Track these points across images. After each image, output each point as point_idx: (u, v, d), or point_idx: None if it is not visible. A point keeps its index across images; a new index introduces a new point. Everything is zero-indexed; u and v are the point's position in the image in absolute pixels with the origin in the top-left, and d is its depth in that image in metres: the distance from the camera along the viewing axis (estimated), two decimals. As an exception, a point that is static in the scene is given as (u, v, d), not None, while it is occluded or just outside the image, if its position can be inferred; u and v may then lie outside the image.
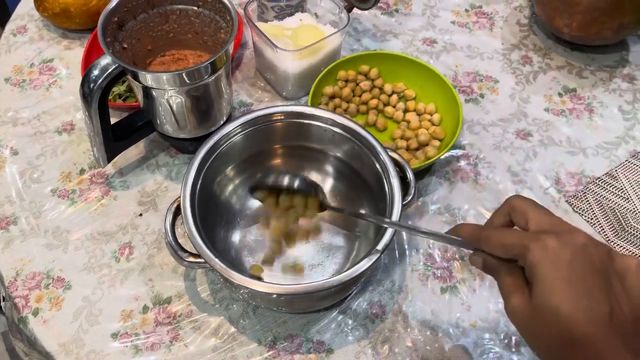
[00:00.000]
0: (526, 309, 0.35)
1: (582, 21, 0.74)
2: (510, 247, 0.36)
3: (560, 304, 0.33)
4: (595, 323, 0.32)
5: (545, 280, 0.34)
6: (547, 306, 0.34)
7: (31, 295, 0.58)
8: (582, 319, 0.33)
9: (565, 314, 0.33)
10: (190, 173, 0.53)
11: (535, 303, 0.34)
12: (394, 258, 0.61)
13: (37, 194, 0.65)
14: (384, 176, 0.54)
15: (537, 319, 0.34)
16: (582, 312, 0.33)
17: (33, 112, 0.72)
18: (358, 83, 0.72)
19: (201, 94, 0.59)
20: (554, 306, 0.33)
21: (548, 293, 0.34)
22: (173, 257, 0.51)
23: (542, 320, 0.34)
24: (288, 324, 0.56)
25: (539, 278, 0.34)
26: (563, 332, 0.33)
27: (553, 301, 0.33)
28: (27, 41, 0.80)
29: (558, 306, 0.33)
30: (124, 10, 0.58)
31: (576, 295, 0.33)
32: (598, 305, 0.33)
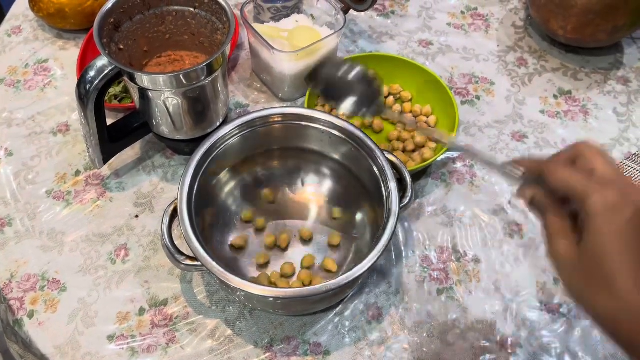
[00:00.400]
0: (571, 255, 0.35)
1: (577, 24, 0.74)
2: (572, 187, 0.35)
3: (606, 255, 0.33)
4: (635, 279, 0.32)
5: (601, 233, 0.33)
6: (596, 258, 0.33)
7: (26, 298, 0.57)
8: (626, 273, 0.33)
9: (611, 267, 0.33)
10: (187, 175, 0.53)
11: (583, 252, 0.34)
12: (391, 260, 0.61)
13: (32, 195, 0.64)
14: (381, 179, 0.54)
15: (582, 267, 0.34)
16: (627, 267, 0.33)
17: (28, 113, 0.71)
18: None
19: (198, 95, 0.58)
20: (602, 260, 0.33)
21: (600, 246, 0.33)
22: (170, 260, 0.51)
23: (587, 271, 0.34)
24: (285, 326, 0.56)
25: (594, 229, 0.34)
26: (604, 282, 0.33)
27: (603, 256, 0.33)
28: (21, 42, 0.79)
29: (605, 256, 0.33)
30: (120, 12, 0.58)
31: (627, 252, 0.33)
32: None
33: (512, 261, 0.61)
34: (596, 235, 0.33)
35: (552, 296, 0.59)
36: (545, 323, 0.57)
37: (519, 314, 0.58)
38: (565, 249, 0.35)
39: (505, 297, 0.59)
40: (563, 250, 0.35)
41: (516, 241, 0.63)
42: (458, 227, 0.64)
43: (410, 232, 0.63)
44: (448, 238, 0.63)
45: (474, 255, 0.62)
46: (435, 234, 0.63)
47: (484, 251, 0.62)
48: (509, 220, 0.65)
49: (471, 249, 0.62)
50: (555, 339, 0.56)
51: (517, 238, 0.63)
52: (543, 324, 0.57)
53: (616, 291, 0.33)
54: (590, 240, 0.34)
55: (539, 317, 0.58)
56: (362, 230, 0.60)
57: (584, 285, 0.34)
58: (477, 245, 0.62)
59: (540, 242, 0.63)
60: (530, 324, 0.57)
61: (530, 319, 0.58)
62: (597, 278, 0.33)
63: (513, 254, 0.62)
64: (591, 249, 0.34)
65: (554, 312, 0.58)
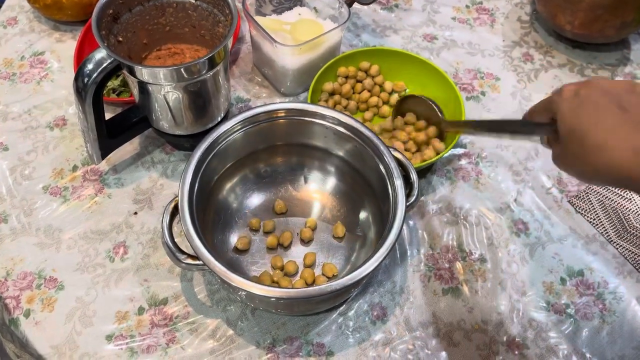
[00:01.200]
0: (559, 147, 0.41)
1: (585, 19, 0.73)
2: (543, 108, 0.43)
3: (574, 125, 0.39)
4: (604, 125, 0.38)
5: (562, 113, 0.40)
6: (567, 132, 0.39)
7: (22, 296, 0.56)
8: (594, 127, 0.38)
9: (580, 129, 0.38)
10: (188, 172, 0.51)
11: (561, 137, 0.40)
12: (395, 259, 0.60)
13: (28, 191, 0.63)
14: (387, 176, 0.53)
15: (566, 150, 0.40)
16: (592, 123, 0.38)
17: (24, 106, 0.70)
18: (359, 80, 0.71)
19: (199, 89, 0.57)
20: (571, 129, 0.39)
21: (566, 122, 0.39)
22: (170, 259, 0.49)
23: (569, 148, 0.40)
24: (287, 326, 0.55)
25: (557, 114, 0.41)
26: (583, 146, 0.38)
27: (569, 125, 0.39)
28: (17, 33, 0.78)
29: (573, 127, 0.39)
30: (119, 3, 0.56)
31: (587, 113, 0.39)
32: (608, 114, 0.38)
33: (518, 260, 0.60)
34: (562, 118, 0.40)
35: (559, 296, 0.58)
36: (552, 324, 0.56)
37: (525, 315, 0.57)
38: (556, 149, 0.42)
39: (511, 297, 0.58)
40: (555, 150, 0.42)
41: (522, 240, 0.62)
42: (463, 226, 0.63)
43: (415, 230, 0.62)
44: (453, 237, 0.62)
45: (480, 254, 0.61)
46: (441, 233, 0.62)
47: (489, 250, 0.61)
48: (514, 218, 0.63)
49: (477, 248, 0.61)
50: (562, 340, 0.55)
51: (524, 237, 0.62)
52: (550, 325, 0.56)
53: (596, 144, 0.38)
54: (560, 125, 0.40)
55: (545, 318, 0.57)
56: (367, 229, 0.58)
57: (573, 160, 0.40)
58: (482, 244, 0.61)
59: (546, 242, 0.62)
60: (537, 325, 0.56)
61: (537, 319, 0.57)
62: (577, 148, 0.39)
63: (519, 253, 0.61)
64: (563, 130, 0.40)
65: (560, 312, 0.57)
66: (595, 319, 0.57)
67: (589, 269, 0.60)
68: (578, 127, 0.38)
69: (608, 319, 0.57)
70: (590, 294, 0.58)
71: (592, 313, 0.57)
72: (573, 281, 0.59)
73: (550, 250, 0.61)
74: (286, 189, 0.62)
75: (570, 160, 0.40)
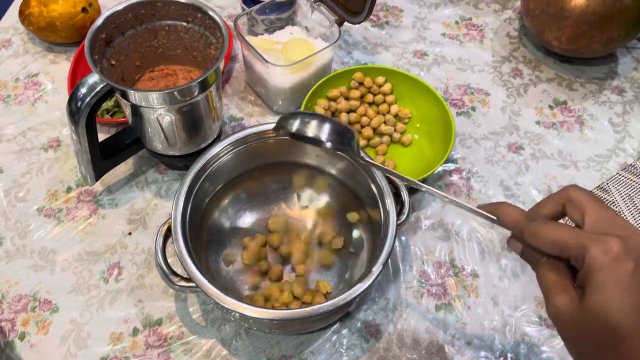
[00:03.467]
0: (574, 312, 0.32)
1: (571, 34, 0.74)
2: (563, 246, 0.33)
3: (617, 318, 0.30)
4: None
5: (605, 288, 0.30)
6: (601, 316, 0.31)
7: (17, 319, 0.56)
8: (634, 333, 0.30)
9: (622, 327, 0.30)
10: (181, 194, 0.52)
11: (585, 308, 0.31)
12: (388, 275, 0.60)
13: (22, 213, 0.63)
14: (378, 195, 0.53)
15: (585, 326, 0.31)
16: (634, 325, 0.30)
17: (18, 128, 0.70)
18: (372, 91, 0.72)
19: (191, 111, 0.58)
20: (608, 318, 0.30)
21: (605, 302, 0.30)
22: (164, 281, 0.50)
23: (591, 330, 0.31)
24: (282, 345, 0.56)
25: (597, 285, 0.31)
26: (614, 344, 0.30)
27: (609, 313, 0.30)
28: (11, 55, 0.78)
29: (613, 320, 0.30)
30: (112, 27, 0.57)
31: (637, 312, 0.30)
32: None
33: (510, 275, 0.61)
34: (600, 291, 0.31)
35: (551, 311, 0.58)
36: (545, 338, 0.57)
37: (518, 329, 0.57)
38: (565, 305, 0.32)
39: (504, 312, 0.58)
40: (563, 307, 0.32)
41: (514, 255, 0.62)
42: (455, 241, 0.63)
43: (408, 246, 0.63)
44: (445, 252, 0.62)
45: (472, 269, 0.61)
46: (433, 248, 0.62)
47: (482, 265, 0.61)
48: (506, 233, 0.64)
49: (469, 264, 0.62)
50: (554, 355, 0.56)
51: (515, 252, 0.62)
52: (542, 339, 0.57)
53: (625, 354, 0.30)
54: (594, 296, 0.31)
55: (538, 333, 0.57)
56: (359, 246, 0.59)
57: (589, 346, 0.32)
58: (475, 259, 0.62)
59: (538, 256, 0.62)
60: (530, 340, 0.57)
61: (529, 334, 0.57)
62: (603, 338, 0.31)
63: (511, 268, 0.61)
64: (595, 306, 0.31)
65: (552, 327, 0.58)
66: (587, 333, 0.57)
67: (580, 282, 0.61)
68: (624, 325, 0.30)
69: (600, 333, 0.57)
70: (582, 308, 0.59)
71: (584, 327, 0.58)
72: (565, 295, 0.60)
73: (542, 265, 0.62)
74: (279, 207, 0.63)
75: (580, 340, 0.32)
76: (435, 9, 0.88)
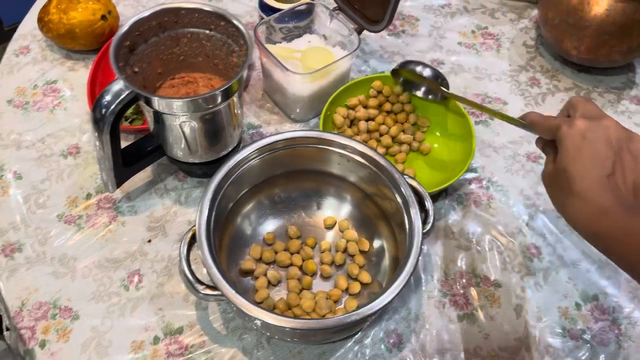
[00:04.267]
0: (550, 171, 0.45)
1: (591, 44, 0.74)
2: (549, 127, 0.46)
3: (568, 164, 0.42)
4: (590, 179, 0.41)
5: (564, 148, 0.43)
6: (561, 167, 0.43)
7: (38, 326, 0.56)
8: (582, 176, 0.41)
9: (571, 172, 0.42)
10: (205, 201, 0.52)
11: (555, 166, 0.44)
12: (410, 285, 0.60)
13: (42, 219, 0.63)
14: (403, 205, 0.53)
15: (555, 178, 0.44)
16: (583, 171, 0.41)
17: (37, 134, 0.70)
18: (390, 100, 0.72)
19: (213, 119, 0.58)
20: (564, 166, 0.42)
21: (563, 158, 0.42)
22: (188, 289, 0.49)
23: (558, 179, 0.43)
24: (303, 354, 0.55)
25: (560, 148, 0.43)
26: (569, 186, 0.42)
27: (564, 163, 0.42)
28: (29, 62, 0.79)
29: (567, 166, 0.42)
30: (136, 34, 0.57)
31: (582, 159, 0.41)
32: (597, 168, 0.41)
33: (532, 285, 0.60)
34: (563, 151, 0.43)
35: (574, 322, 0.58)
36: (569, 350, 0.56)
37: (542, 341, 0.57)
38: (547, 168, 0.46)
39: (527, 323, 0.58)
40: (546, 169, 0.46)
41: (535, 265, 0.62)
42: (476, 251, 0.63)
43: (429, 256, 0.62)
44: (467, 262, 0.62)
45: (494, 279, 0.61)
46: (454, 258, 0.62)
47: (503, 275, 0.61)
48: (527, 243, 0.64)
49: (491, 273, 0.61)
50: (579, 367, 0.55)
51: (537, 261, 0.62)
52: (567, 351, 0.56)
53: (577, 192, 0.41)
54: (559, 156, 0.43)
55: (562, 344, 0.57)
56: (381, 256, 0.58)
57: (557, 192, 0.44)
58: (496, 269, 0.61)
59: (560, 266, 0.62)
60: (554, 351, 0.56)
61: (553, 345, 0.56)
62: (563, 182, 0.42)
63: (533, 277, 0.61)
64: (559, 162, 0.43)
65: (577, 338, 0.57)
66: (612, 345, 0.57)
67: (604, 293, 0.60)
68: (572, 170, 0.42)
69: (624, 344, 0.57)
70: (606, 319, 0.58)
71: (609, 338, 0.57)
72: (588, 306, 0.59)
73: (564, 275, 0.61)
74: (299, 215, 0.62)
75: (555, 190, 0.44)
76: (451, 18, 0.88)
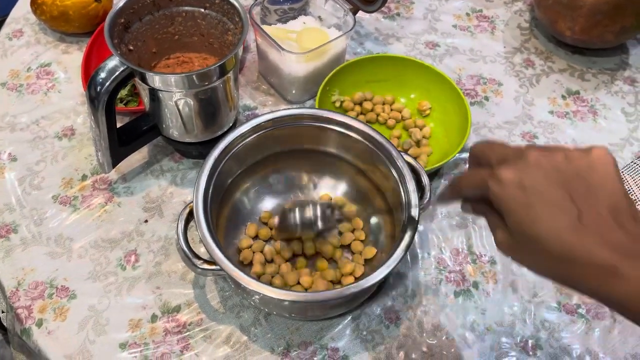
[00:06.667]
0: (509, 240, 0.36)
1: (585, 24, 0.74)
2: (477, 187, 0.37)
3: (529, 228, 0.34)
4: (565, 230, 0.33)
5: (509, 211, 0.35)
6: (520, 233, 0.35)
7: (34, 306, 0.56)
8: (552, 232, 0.33)
9: (537, 235, 0.34)
10: (202, 177, 0.52)
11: (511, 232, 0.36)
12: (406, 262, 0.60)
13: (37, 201, 0.63)
14: (400, 180, 0.53)
15: (519, 245, 0.36)
16: (550, 226, 0.33)
17: (31, 117, 0.70)
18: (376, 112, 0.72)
19: (209, 97, 0.57)
20: (525, 231, 0.34)
21: (514, 222, 0.35)
22: (186, 264, 0.49)
23: (524, 246, 0.35)
24: (301, 330, 0.55)
25: (504, 211, 0.35)
26: (543, 250, 0.34)
27: (523, 227, 0.34)
28: (23, 45, 0.78)
29: (528, 230, 0.34)
30: (130, 12, 0.57)
31: (540, 216, 0.34)
32: (562, 214, 0.33)
33: (528, 262, 0.61)
34: (510, 215, 0.35)
35: (569, 296, 0.58)
36: (564, 324, 0.57)
37: (537, 315, 0.57)
38: (502, 237, 0.37)
39: (523, 298, 0.58)
40: (501, 238, 0.37)
41: (531, 242, 0.62)
42: (472, 228, 0.63)
43: (425, 234, 0.62)
44: (463, 239, 0.62)
45: (490, 256, 0.61)
46: (450, 236, 0.62)
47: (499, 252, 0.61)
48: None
49: (487, 250, 0.61)
50: (575, 340, 0.56)
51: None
52: (562, 325, 0.57)
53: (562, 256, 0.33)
54: (509, 221, 0.35)
55: (557, 318, 0.57)
56: (378, 233, 0.59)
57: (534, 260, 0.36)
58: (492, 247, 0.62)
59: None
60: (550, 325, 0.57)
61: (549, 320, 0.57)
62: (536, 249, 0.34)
63: (529, 254, 0.61)
64: (514, 228, 0.35)
65: (572, 312, 0.57)
66: (607, 319, 0.57)
67: (598, 269, 0.61)
68: (535, 232, 0.34)
69: (619, 318, 0.57)
70: (601, 294, 0.59)
71: (604, 313, 0.58)
72: (583, 281, 0.60)
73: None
74: (295, 194, 0.62)
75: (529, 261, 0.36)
76: (446, 1, 0.88)
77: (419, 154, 0.66)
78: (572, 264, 0.33)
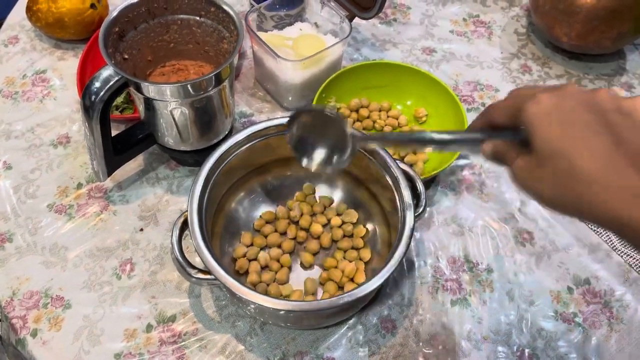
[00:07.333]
0: (531, 163, 0.35)
1: (582, 30, 0.74)
2: (509, 108, 0.37)
3: (560, 145, 0.33)
4: (596, 156, 0.32)
5: (542, 126, 0.34)
6: (546, 153, 0.33)
7: (29, 316, 0.55)
8: (584, 149, 0.32)
9: (566, 154, 0.33)
10: (197, 186, 0.51)
11: (537, 154, 0.34)
12: (403, 271, 0.60)
13: (32, 209, 0.63)
14: (395, 188, 0.53)
15: (540, 168, 0.34)
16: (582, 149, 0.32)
17: (27, 124, 0.70)
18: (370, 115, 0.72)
19: (205, 105, 0.57)
20: (555, 147, 0.33)
21: (545, 141, 0.33)
22: (180, 274, 0.49)
23: (545, 168, 0.34)
24: (297, 340, 0.55)
25: (535, 129, 0.34)
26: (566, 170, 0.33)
27: (551, 146, 0.33)
28: (18, 52, 0.78)
29: (558, 148, 0.33)
30: (125, 20, 0.57)
31: (574, 135, 0.33)
32: (597, 137, 0.32)
33: (524, 270, 0.61)
34: (541, 132, 0.34)
35: (566, 305, 0.58)
36: (561, 333, 0.56)
37: (534, 324, 0.57)
38: (523, 162, 0.35)
39: (519, 306, 0.58)
40: (522, 164, 0.35)
41: (528, 249, 0.62)
42: (469, 236, 0.63)
43: (422, 242, 0.62)
44: (459, 247, 0.62)
45: (487, 264, 0.61)
46: (447, 244, 0.62)
47: (496, 260, 0.61)
48: (519, 228, 0.64)
49: (483, 259, 0.61)
50: (571, 349, 0.56)
51: (529, 246, 0.62)
52: (559, 334, 0.56)
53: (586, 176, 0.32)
54: (538, 139, 0.34)
55: (554, 327, 0.57)
56: (373, 240, 0.58)
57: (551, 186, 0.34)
58: (489, 255, 0.62)
59: (552, 251, 0.62)
60: (547, 334, 0.56)
61: (545, 328, 0.57)
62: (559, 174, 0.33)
63: (525, 262, 0.61)
64: (540, 149, 0.34)
65: (569, 321, 0.57)
66: (604, 327, 0.57)
67: (595, 277, 0.61)
68: (565, 152, 0.33)
69: (616, 327, 0.57)
70: (597, 302, 0.59)
71: (600, 321, 0.57)
72: (580, 290, 0.60)
73: (556, 259, 0.62)
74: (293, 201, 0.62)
75: (547, 184, 0.34)
76: (443, 6, 0.88)
77: (415, 161, 0.66)
78: (595, 184, 0.32)
